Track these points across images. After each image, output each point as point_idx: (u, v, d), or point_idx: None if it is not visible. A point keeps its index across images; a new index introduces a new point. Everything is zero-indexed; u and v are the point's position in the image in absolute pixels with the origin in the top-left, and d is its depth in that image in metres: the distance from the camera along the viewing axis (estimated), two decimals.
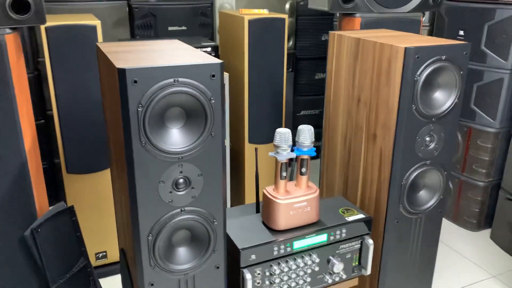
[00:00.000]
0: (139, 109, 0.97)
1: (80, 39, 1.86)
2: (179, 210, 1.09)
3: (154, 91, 0.97)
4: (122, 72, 0.93)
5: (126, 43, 1.27)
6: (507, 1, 2.33)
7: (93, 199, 2.08)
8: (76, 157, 2.00)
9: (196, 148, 1.05)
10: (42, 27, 1.80)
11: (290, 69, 3.27)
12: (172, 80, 0.98)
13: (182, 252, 1.13)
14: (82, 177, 2.04)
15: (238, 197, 2.61)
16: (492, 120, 2.51)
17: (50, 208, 1.53)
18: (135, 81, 0.95)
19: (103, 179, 2.06)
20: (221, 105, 1.05)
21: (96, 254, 2.17)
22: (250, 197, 2.50)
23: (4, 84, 1.31)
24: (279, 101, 2.49)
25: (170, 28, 2.80)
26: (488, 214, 2.70)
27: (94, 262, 2.17)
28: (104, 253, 2.19)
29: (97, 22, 1.88)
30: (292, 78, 3.32)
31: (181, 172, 1.06)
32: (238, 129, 2.52)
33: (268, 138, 2.48)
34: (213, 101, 1.03)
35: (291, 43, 3.21)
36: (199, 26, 2.85)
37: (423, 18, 2.82)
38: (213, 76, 1.02)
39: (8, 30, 1.30)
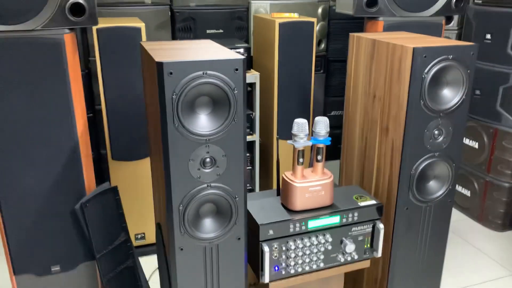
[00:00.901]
0: (173, 96, 1.15)
1: (126, 40, 2.08)
2: (205, 185, 1.26)
3: (186, 81, 1.14)
4: (160, 65, 1.12)
5: (166, 42, 1.46)
6: None
7: (134, 184, 2.29)
8: (120, 146, 2.22)
9: (221, 132, 1.22)
10: (94, 29, 2.03)
11: (322, 71, 3.40)
12: (201, 72, 1.15)
13: (208, 222, 1.31)
14: (125, 164, 2.26)
15: (266, 185, 2.78)
16: None
17: (97, 187, 1.74)
18: (171, 73, 1.13)
19: (143, 167, 2.28)
20: (243, 95, 1.21)
21: (135, 235, 2.39)
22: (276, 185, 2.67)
23: (62, 76, 1.53)
24: (307, 100, 2.64)
25: (208, 31, 3.00)
26: None
27: (133, 243, 2.38)
28: (143, 235, 2.40)
29: (142, 25, 2.09)
30: (324, 79, 3.45)
31: (208, 152, 1.23)
32: (268, 126, 2.68)
33: None
34: (236, 91, 1.20)
35: (323, 45, 3.34)
36: (235, 29, 3.04)
37: (452, 23, 2.89)
38: (236, 69, 1.18)
39: (66, 30, 1.52)
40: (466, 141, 2.84)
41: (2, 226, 1.61)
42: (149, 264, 2.35)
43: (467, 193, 2.89)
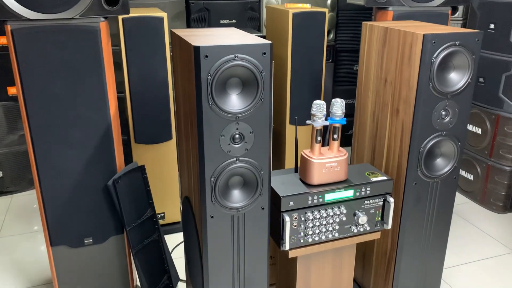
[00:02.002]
0: (208, 77, 1.27)
1: (149, 29, 2.20)
2: (234, 159, 1.39)
3: (220, 63, 1.27)
4: (197, 49, 1.24)
5: (196, 30, 1.59)
6: None
7: (155, 166, 2.42)
8: (143, 130, 2.35)
9: (249, 110, 1.35)
10: (120, 18, 2.15)
11: (330, 60, 3.52)
12: (233, 56, 1.28)
13: (236, 193, 1.44)
14: (146, 147, 2.39)
15: (277, 169, 2.92)
16: None
17: (126, 166, 1.88)
18: (206, 56, 1.25)
19: (164, 150, 2.41)
20: (269, 77, 1.34)
21: None
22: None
23: (98, 61, 1.65)
24: (318, 88, 2.76)
25: (222, 21, 3.12)
26: None
27: None
28: (163, 214, 2.53)
29: (164, 15, 2.22)
30: (332, 68, 3.57)
31: (237, 129, 1.36)
32: (280, 112, 2.81)
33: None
34: (264, 73, 1.33)
35: (331, 35, 3.46)
36: (247, 20, 3.16)
37: (457, 13, 3.00)
38: (264, 53, 1.31)
39: (102, 19, 1.64)
40: (470, 127, 2.96)
41: (41, 201, 1.75)
42: (168, 242, 2.49)
43: (470, 177, 3.02)
